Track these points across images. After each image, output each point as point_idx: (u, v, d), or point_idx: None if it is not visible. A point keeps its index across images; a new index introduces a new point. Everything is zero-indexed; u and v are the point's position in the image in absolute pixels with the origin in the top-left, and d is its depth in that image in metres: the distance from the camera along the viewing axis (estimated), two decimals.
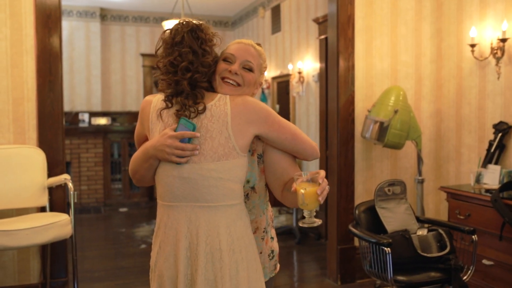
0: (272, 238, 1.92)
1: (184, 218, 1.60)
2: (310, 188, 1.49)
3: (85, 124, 7.64)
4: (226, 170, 1.58)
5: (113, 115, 7.98)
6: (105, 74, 8.23)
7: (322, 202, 1.50)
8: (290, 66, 6.44)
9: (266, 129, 1.63)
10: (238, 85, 1.71)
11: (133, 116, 8.03)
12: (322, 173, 1.53)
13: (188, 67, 1.63)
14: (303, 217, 1.56)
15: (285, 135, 1.66)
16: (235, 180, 1.61)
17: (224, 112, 1.59)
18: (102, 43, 8.14)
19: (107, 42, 8.25)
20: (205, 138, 1.58)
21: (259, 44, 1.83)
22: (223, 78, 1.71)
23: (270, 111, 1.67)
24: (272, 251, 1.91)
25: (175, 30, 1.68)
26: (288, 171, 1.72)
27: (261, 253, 1.84)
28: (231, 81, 1.71)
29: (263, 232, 1.86)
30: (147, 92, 8.57)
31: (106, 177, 7.65)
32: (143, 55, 8.42)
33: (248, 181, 1.74)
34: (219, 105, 1.61)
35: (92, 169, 7.63)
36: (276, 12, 6.95)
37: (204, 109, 1.61)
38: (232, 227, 1.61)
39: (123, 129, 7.69)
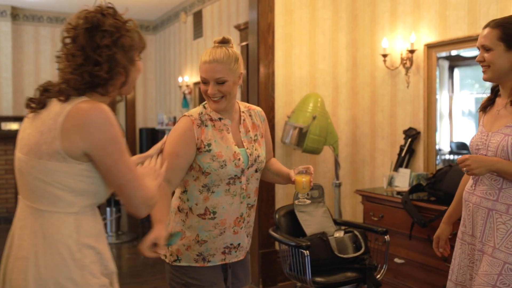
0: None
1: (17, 214, 1.51)
2: (306, 177, 2.05)
3: None
4: (47, 172, 1.41)
5: None
6: (17, 77, 7.79)
7: (311, 187, 2.09)
8: None
9: (99, 154, 1.42)
10: (222, 97, 1.99)
11: None
12: (312, 167, 2.07)
13: (72, 71, 1.46)
14: (298, 198, 2.16)
15: (113, 176, 1.45)
16: (60, 187, 1.42)
17: (60, 110, 1.41)
18: (14, 44, 7.71)
19: (19, 43, 7.82)
20: (38, 130, 1.44)
21: (225, 41, 2.05)
22: (208, 97, 2.01)
23: (115, 138, 1.43)
24: None
25: (75, 22, 1.48)
26: (268, 154, 2.23)
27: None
28: (215, 98, 1.99)
29: None
30: None
31: None
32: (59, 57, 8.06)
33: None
34: (63, 104, 1.43)
35: (3, 177, 7.18)
36: (198, 17, 6.93)
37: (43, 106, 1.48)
38: (48, 238, 1.42)
39: None
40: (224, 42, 2.05)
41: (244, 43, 5.45)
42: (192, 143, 1.97)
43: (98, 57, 1.44)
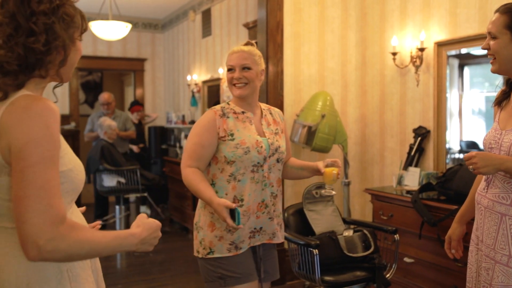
0: None
1: None
2: (335, 170, 2.22)
3: None
4: (1, 189, 1.22)
5: None
6: None
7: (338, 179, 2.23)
8: (220, 70, 6.45)
9: (14, 156, 1.16)
10: (246, 84, 2.19)
11: None
12: (339, 161, 2.26)
13: (2, 45, 1.22)
14: (323, 188, 2.63)
15: (15, 185, 1.15)
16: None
17: None
18: None
19: None
20: None
21: (250, 43, 2.31)
22: (233, 84, 2.20)
23: (38, 141, 1.15)
24: None
25: None
26: (288, 153, 2.39)
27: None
28: (239, 84, 2.18)
29: None
30: (73, 94, 8.25)
31: None
32: None
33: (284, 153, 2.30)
34: (1, 106, 1.21)
35: None
36: (206, 16, 6.94)
37: None
38: (20, 255, 1.22)
39: None
40: (249, 44, 2.31)
41: (252, 42, 5.44)
42: (214, 132, 2.15)
43: (33, 26, 1.22)
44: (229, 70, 2.23)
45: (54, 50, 1.25)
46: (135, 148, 7.05)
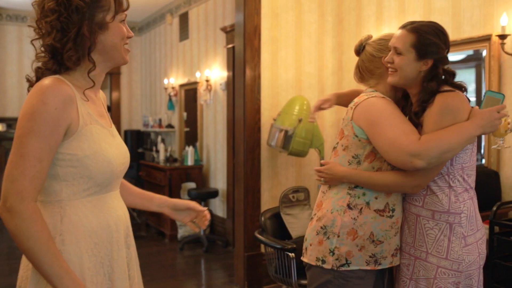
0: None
1: None
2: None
3: None
4: None
5: (9, 121, 7.47)
6: (0, 77, 7.70)
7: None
8: (197, 74, 6.43)
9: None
10: None
11: None
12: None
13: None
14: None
15: (12, 151, 1.29)
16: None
17: None
18: None
19: (2, 43, 7.73)
20: None
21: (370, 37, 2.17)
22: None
23: (32, 115, 1.25)
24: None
25: None
26: None
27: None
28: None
29: None
30: None
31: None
32: None
33: None
34: None
35: None
36: (184, 19, 6.91)
37: None
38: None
39: None
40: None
41: (230, 46, 5.44)
42: None
43: (48, 26, 1.33)
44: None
45: (72, 40, 1.32)
46: None
